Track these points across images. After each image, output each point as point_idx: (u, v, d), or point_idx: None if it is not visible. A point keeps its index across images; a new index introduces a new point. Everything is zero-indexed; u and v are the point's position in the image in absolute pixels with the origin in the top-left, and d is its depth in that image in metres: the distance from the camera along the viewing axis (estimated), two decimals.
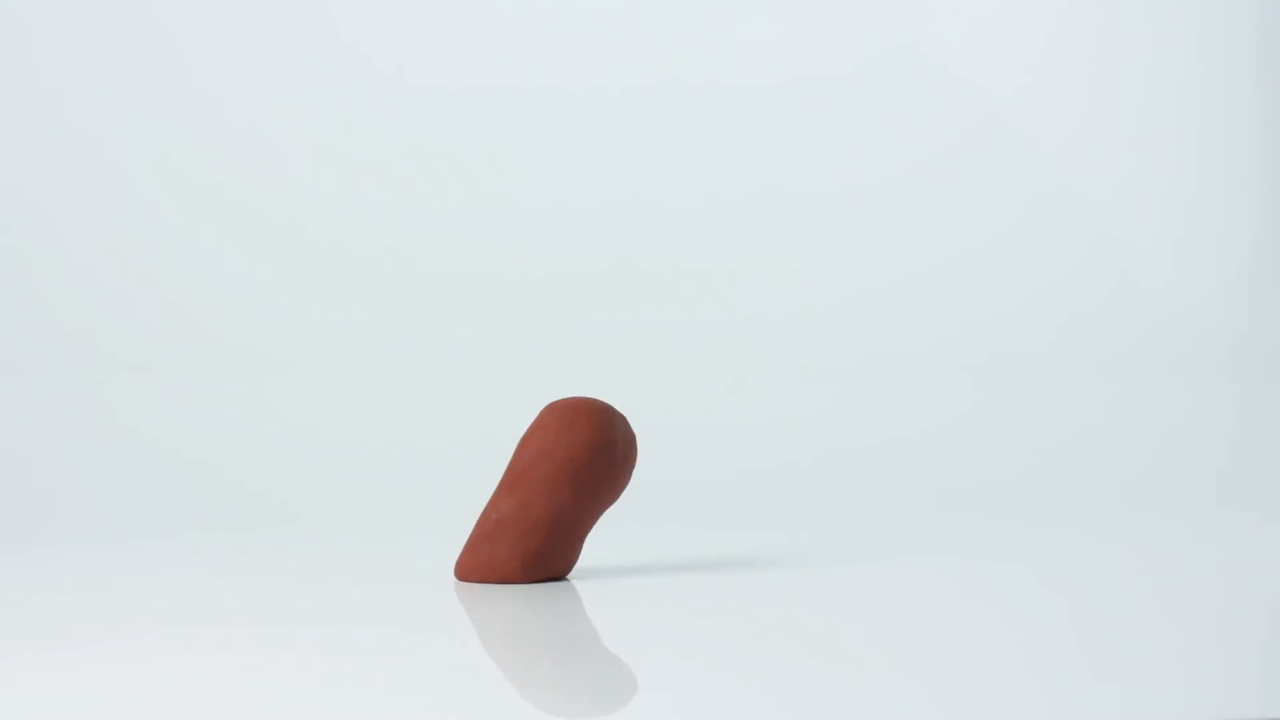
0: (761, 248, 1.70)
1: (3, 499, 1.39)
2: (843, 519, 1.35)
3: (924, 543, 1.17)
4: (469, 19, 1.70)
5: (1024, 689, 0.65)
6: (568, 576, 0.98)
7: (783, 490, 1.50)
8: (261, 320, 1.63)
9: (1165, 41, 1.78)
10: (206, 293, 1.63)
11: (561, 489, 0.95)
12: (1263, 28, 1.79)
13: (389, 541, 1.20)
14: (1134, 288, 1.73)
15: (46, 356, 1.58)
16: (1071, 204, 1.75)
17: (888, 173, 1.73)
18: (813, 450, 1.57)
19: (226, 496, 1.41)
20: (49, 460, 1.47)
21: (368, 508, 1.38)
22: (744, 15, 1.73)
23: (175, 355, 1.59)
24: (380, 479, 1.47)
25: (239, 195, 1.65)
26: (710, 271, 1.69)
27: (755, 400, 1.63)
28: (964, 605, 0.87)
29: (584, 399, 0.99)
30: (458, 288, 1.67)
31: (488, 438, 1.42)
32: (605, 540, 1.13)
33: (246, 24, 1.67)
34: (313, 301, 1.63)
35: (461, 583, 0.96)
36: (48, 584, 1.00)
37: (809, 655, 0.74)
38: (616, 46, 1.72)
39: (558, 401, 0.99)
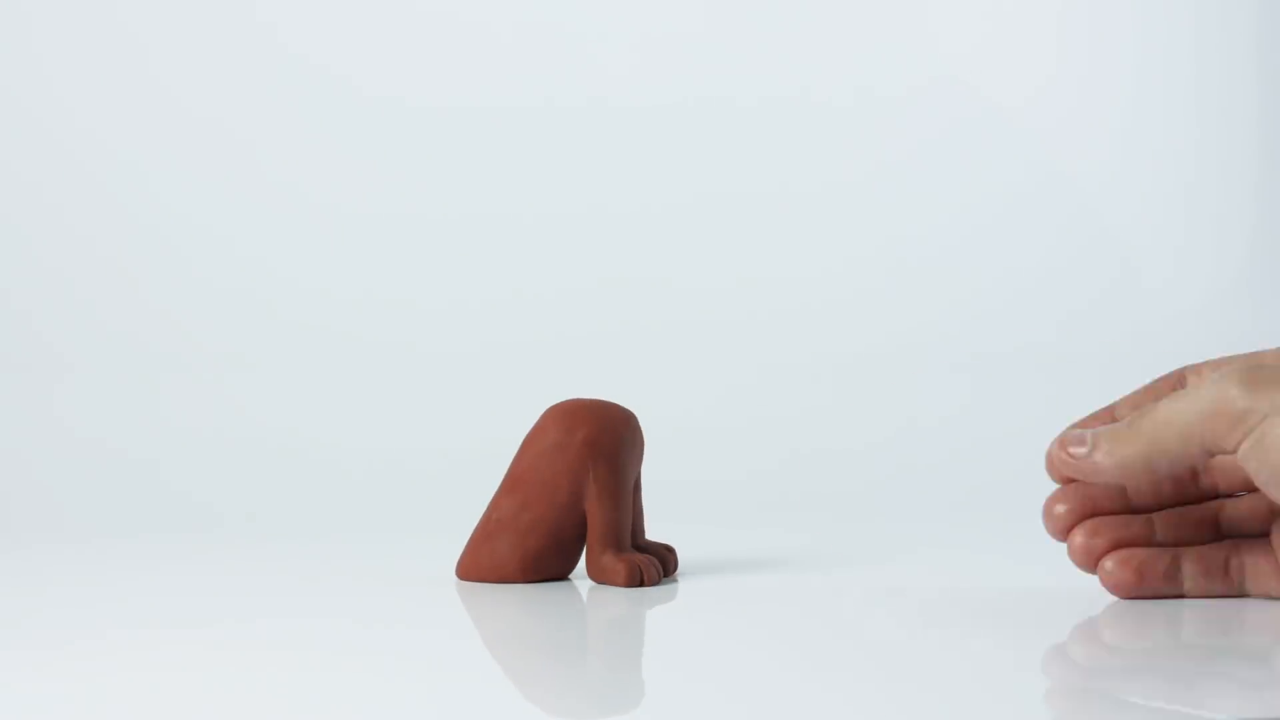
0: (756, 250, 1.70)
1: None
2: (842, 517, 1.35)
3: (923, 541, 1.17)
4: (471, 35, 1.71)
5: (1023, 688, 0.65)
6: (569, 576, 0.98)
7: (783, 489, 1.50)
8: (266, 322, 1.63)
9: (1164, 41, 1.78)
10: (213, 294, 1.63)
11: (560, 490, 0.95)
12: (1262, 28, 1.79)
13: (391, 541, 1.20)
14: (1133, 287, 1.73)
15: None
16: (1070, 203, 1.75)
17: (883, 171, 1.73)
18: (813, 448, 1.57)
19: (229, 496, 1.41)
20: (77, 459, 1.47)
21: (369, 507, 1.38)
22: (740, 26, 1.73)
23: (197, 358, 1.60)
24: (382, 479, 1.47)
25: (239, 194, 1.65)
26: (703, 276, 1.69)
27: (753, 399, 1.63)
28: (962, 604, 0.87)
29: (585, 400, 0.99)
30: (464, 289, 1.67)
31: (490, 439, 1.42)
32: None
33: (232, 30, 1.67)
34: (313, 303, 1.63)
35: (462, 582, 0.96)
36: (59, 583, 1.00)
37: (814, 654, 0.74)
38: (621, 61, 1.73)
39: (559, 403, 0.99)
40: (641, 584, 0.94)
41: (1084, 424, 0.89)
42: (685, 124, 1.71)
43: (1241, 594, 0.85)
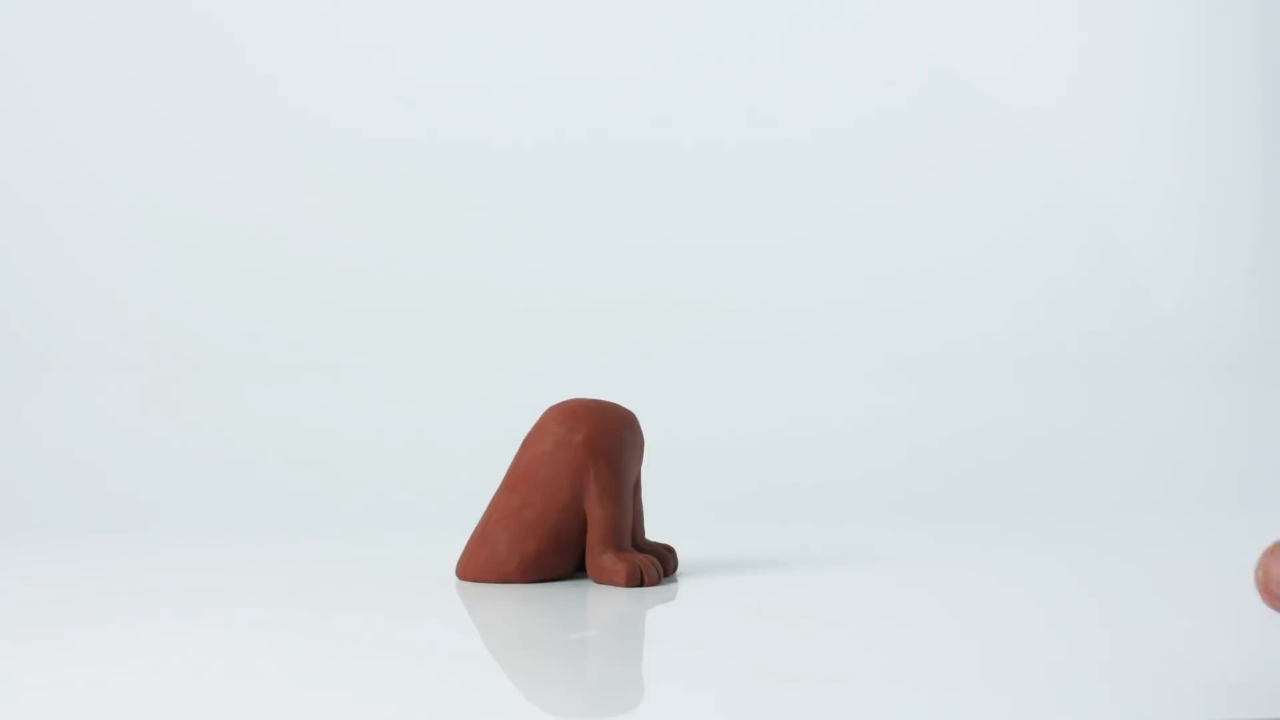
0: (792, 274, 1.70)
1: None
2: (844, 520, 1.34)
3: (955, 540, 1.17)
4: (498, 63, 1.71)
5: (1043, 686, 0.65)
6: (569, 576, 0.98)
7: (793, 490, 1.49)
8: (268, 321, 1.63)
9: (1176, 67, 1.79)
10: (213, 299, 1.63)
11: (561, 490, 0.95)
12: (1268, 47, 1.80)
13: (393, 540, 1.20)
14: (1145, 295, 1.73)
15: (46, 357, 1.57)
16: (1087, 217, 1.75)
17: (909, 195, 1.73)
18: (837, 455, 1.57)
19: (233, 495, 1.41)
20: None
21: (371, 506, 1.38)
22: (770, 52, 1.74)
23: (222, 360, 1.60)
24: (383, 478, 1.47)
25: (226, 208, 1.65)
26: (745, 301, 1.69)
27: (784, 411, 1.63)
28: (993, 604, 0.87)
29: (586, 400, 0.99)
30: (467, 294, 1.67)
31: (493, 438, 1.42)
32: None
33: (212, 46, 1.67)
34: (318, 305, 1.63)
35: (462, 581, 0.96)
36: (62, 580, 1.00)
37: (813, 654, 0.73)
38: (637, 85, 1.73)
39: (560, 403, 0.99)
40: (642, 584, 0.94)
41: None
42: (723, 148, 1.72)
43: None
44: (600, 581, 0.95)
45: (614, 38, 1.73)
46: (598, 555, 0.95)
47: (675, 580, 0.97)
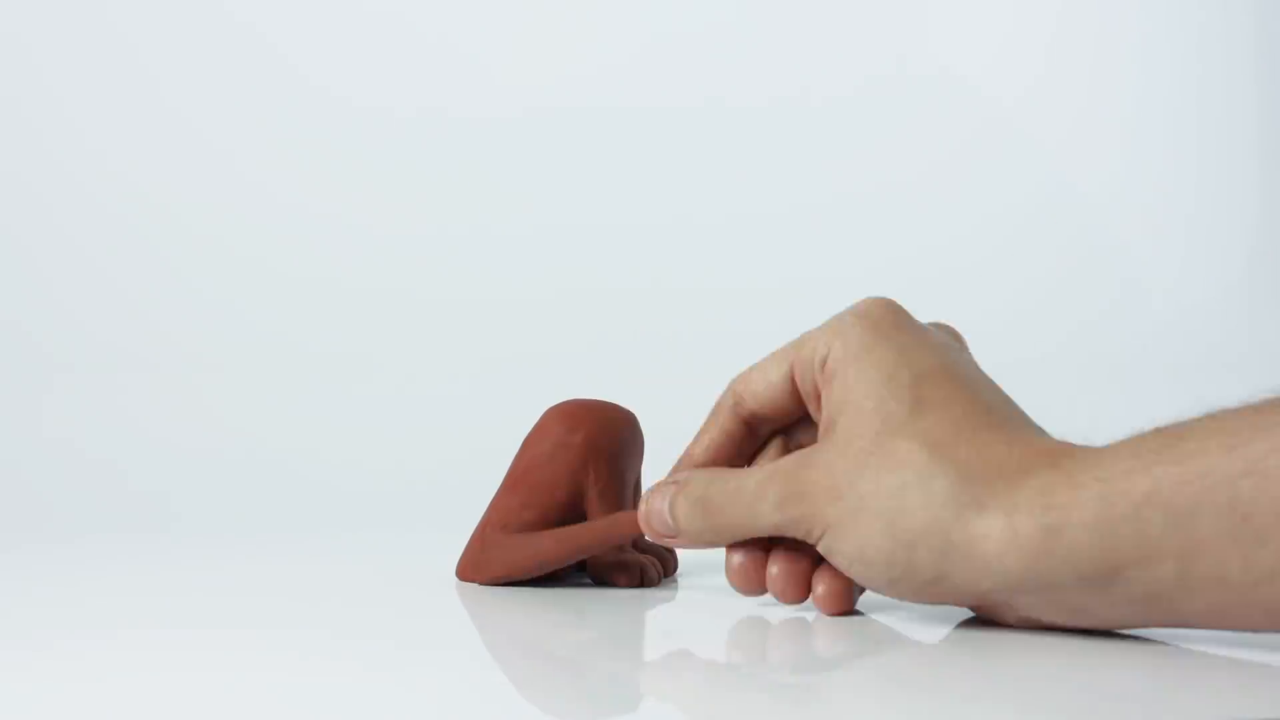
0: (761, 260, 1.70)
1: None
2: None
3: None
4: (482, 42, 1.71)
5: (1041, 686, 0.65)
6: (569, 576, 0.98)
7: None
8: (268, 322, 1.63)
9: (1165, 55, 1.79)
10: (217, 297, 1.63)
11: (560, 490, 0.95)
12: (1261, 36, 1.80)
13: (390, 541, 1.20)
14: (1138, 294, 1.73)
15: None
16: (1075, 215, 1.75)
17: (896, 184, 1.73)
18: None
19: (230, 494, 1.41)
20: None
21: (370, 507, 1.38)
22: (751, 36, 1.74)
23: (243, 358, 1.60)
24: (383, 478, 1.47)
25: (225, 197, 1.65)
26: (719, 290, 1.69)
27: None
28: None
29: (586, 400, 0.99)
30: (464, 289, 1.67)
31: (492, 438, 1.42)
32: None
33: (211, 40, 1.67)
34: (312, 298, 1.63)
35: (462, 583, 0.96)
36: (61, 582, 1.00)
37: (814, 654, 0.73)
38: (630, 68, 1.73)
39: (560, 404, 0.99)
40: (642, 584, 0.94)
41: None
42: (694, 130, 1.72)
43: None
44: (600, 582, 0.95)
45: (609, 18, 1.73)
46: (598, 555, 0.95)
47: (676, 580, 0.97)
